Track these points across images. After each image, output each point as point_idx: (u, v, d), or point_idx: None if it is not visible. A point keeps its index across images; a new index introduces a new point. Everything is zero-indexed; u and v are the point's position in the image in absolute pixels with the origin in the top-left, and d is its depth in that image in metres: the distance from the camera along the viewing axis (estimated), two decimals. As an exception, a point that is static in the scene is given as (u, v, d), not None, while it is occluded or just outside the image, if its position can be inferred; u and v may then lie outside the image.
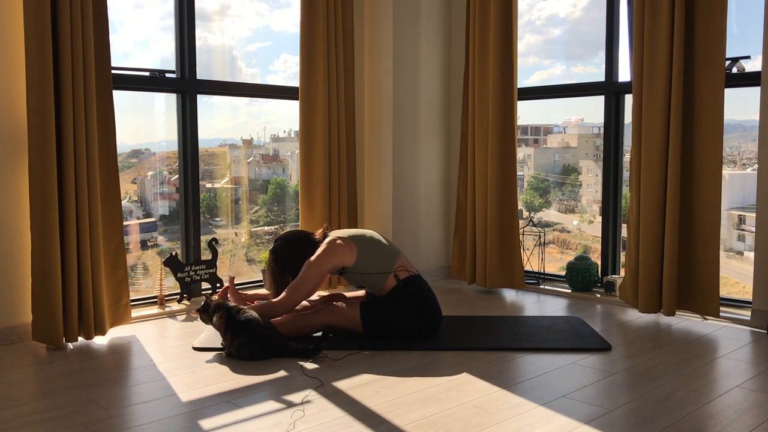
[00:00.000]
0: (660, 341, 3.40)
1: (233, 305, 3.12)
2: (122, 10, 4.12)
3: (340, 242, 3.37)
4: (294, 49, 4.61)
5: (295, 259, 3.42)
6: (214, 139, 4.75)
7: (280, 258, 3.47)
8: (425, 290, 3.41)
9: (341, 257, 3.35)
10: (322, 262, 3.33)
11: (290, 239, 3.52)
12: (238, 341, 3.03)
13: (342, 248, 3.35)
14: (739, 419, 2.41)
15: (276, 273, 3.48)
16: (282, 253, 3.47)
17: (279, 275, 3.47)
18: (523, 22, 4.94)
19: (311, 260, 3.34)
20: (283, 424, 2.37)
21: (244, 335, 3.02)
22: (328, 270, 3.36)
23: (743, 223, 4.35)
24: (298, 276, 3.33)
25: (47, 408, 2.52)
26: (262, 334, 3.04)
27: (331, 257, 3.34)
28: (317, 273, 3.33)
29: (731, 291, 4.20)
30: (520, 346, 3.28)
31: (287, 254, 3.46)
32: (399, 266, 3.39)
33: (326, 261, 3.34)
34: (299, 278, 3.32)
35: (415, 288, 3.38)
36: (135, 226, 4.52)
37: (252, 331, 3.02)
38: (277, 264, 3.48)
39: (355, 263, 3.35)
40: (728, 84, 3.56)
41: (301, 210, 4.44)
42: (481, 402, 2.57)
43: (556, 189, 5.26)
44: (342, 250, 3.35)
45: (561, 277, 4.61)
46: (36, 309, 3.21)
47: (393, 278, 3.36)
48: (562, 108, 5.13)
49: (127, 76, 3.80)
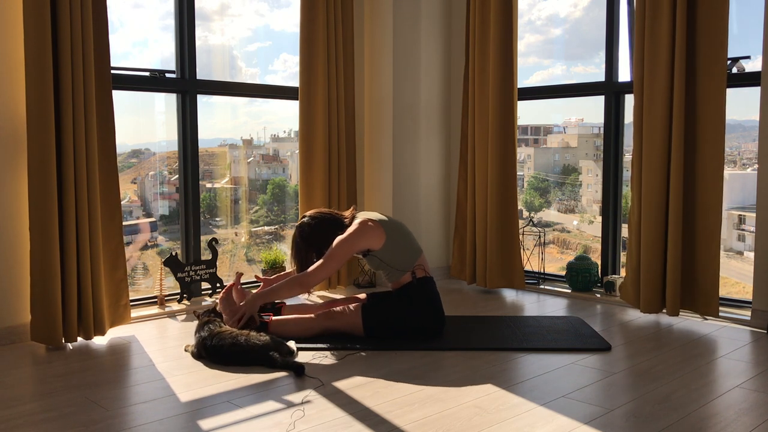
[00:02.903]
0: (660, 341, 3.39)
1: (214, 330, 3.09)
2: (122, 10, 4.12)
3: (371, 224, 3.39)
4: (294, 49, 4.61)
5: (322, 238, 3.44)
6: (214, 139, 4.75)
7: (307, 235, 3.47)
8: (434, 293, 3.43)
9: (370, 240, 3.37)
10: (353, 241, 3.36)
11: (319, 218, 3.51)
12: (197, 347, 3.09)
13: (373, 231, 3.38)
14: (739, 419, 2.41)
15: (301, 249, 3.49)
16: (310, 230, 3.48)
17: (303, 252, 3.49)
18: (524, 21, 4.94)
19: (343, 238, 3.36)
20: (283, 424, 2.37)
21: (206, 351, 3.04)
22: (356, 250, 3.39)
23: (743, 223, 4.35)
24: (328, 252, 3.35)
25: (47, 408, 2.52)
26: (228, 352, 3.01)
27: (362, 238, 3.36)
28: (347, 251, 3.36)
29: (731, 291, 4.20)
30: (520, 346, 3.27)
31: (315, 232, 3.47)
32: (418, 264, 3.42)
33: (357, 241, 3.36)
34: (329, 255, 3.34)
35: (426, 289, 3.40)
36: (145, 224, 4.53)
37: (216, 351, 3.02)
38: (303, 240, 3.48)
39: (381, 248, 3.37)
40: (728, 84, 3.56)
41: (300, 210, 4.43)
42: (481, 402, 2.57)
43: (556, 189, 5.26)
44: (372, 233, 3.37)
45: (561, 277, 4.61)
46: (35, 309, 3.21)
47: (410, 274, 3.39)
48: (562, 108, 5.13)
49: (127, 76, 3.80)
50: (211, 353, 3.01)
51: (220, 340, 3.00)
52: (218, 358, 3.00)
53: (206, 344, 3.02)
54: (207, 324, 3.12)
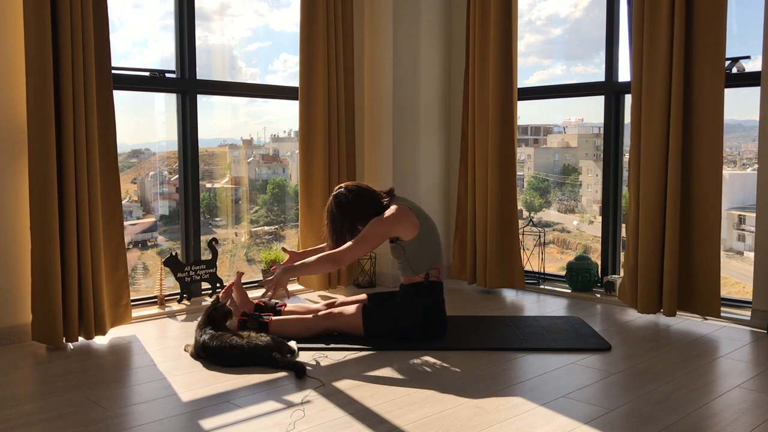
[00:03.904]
0: (660, 341, 3.39)
1: (215, 333, 3.09)
2: (122, 10, 4.12)
3: (410, 214, 3.34)
4: (294, 49, 4.61)
5: (357, 212, 3.38)
6: (214, 139, 4.75)
7: (344, 206, 3.39)
8: (440, 300, 3.41)
9: (406, 229, 3.32)
10: (390, 225, 3.31)
11: (357, 191, 3.42)
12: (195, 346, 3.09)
13: (410, 221, 3.33)
14: (739, 419, 2.41)
15: (336, 220, 3.40)
16: (346, 201, 3.39)
17: (339, 222, 3.39)
18: (524, 21, 4.94)
19: (381, 219, 3.31)
20: (283, 424, 2.37)
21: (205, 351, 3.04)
22: (390, 235, 3.34)
23: (743, 223, 4.35)
24: (363, 232, 3.30)
25: (47, 408, 2.52)
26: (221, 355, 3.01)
27: (399, 224, 3.31)
28: (382, 234, 3.31)
29: (731, 291, 4.20)
30: (520, 346, 3.28)
31: (352, 204, 3.38)
32: (435, 268, 3.38)
33: (394, 226, 3.31)
34: (364, 235, 3.29)
35: (434, 294, 3.37)
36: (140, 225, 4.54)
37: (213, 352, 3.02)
38: (338, 210, 3.39)
39: (410, 241, 3.33)
40: (728, 84, 3.56)
41: (300, 210, 4.44)
42: (481, 402, 2.57)
43: (556, 189, 5.26)
44: (410, 223, 3.33)
45: (561, 277, 4.61)
46: (36, 309, 3.21)
47: (424, 274, 3.36)
48: (562, 108, 5.13)
49: (127, 76, 3.80)
50: (212, 355, 3.01)
51: (221, 342, 3.00)
52: (220, 360, 2.99)
53: (207, 347, 3.02)
54: (208, 325, 3.12)
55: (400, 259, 3.40)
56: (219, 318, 3.16)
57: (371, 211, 3.37)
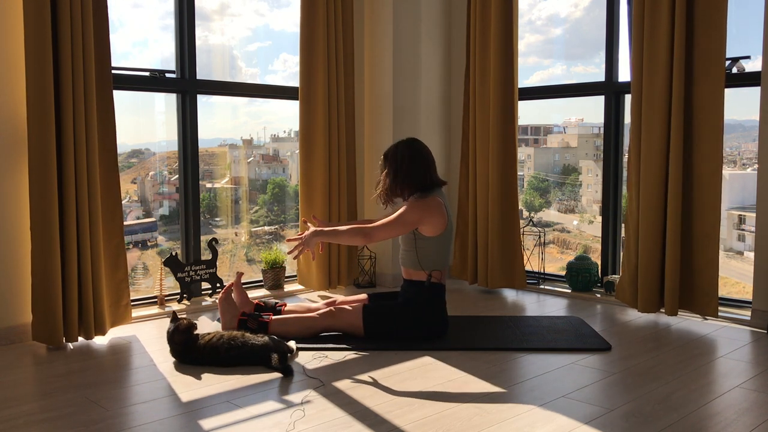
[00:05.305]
0: (660, 341, 3.39)
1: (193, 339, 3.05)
2: (122, 10, 4.12)
3: (444, 214, 3.30)
4: (294, 49, 4.61)
5: (414, 173, 3.31)
6: (214, 139, 4.75)
7: (399, 158, 3.32)
8: (442, 302, 3.40)
9: (435, 224, 3.28)
10: (424, 213, 3.26)
11: (418, 154, 3.34)
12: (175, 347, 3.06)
13: (442, 218, 3.29)
14: (739, 419, 2.41)
15: (389, 175, 3.34)
16: (401, 157, 3.32)
17: (392, 181, 3.33)
18: (524, 21, 4.94)
19: (420, 206, 3.26)
20: (283, 424, 2.37)
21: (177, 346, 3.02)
22: (421, 224, 3.28)
23: (743, 223, 4.35)
24: (398, 214, 3.26)
25: (47, 408, 2.52)
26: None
27: (433, 217, 3.27)
28: (415, 221, 3.26)
29: (731, 291, 4.20)
30: (520, 346, 3.28)
31: (413, 166, 3.31)
32: (438, 270, 3.36)
33: (429, 217, 3.27)
34: (399, 217, 3.25)
35: (434, 296, 3.36)
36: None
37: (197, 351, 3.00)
38: (387, 160, 3.36)
39: (430, 237, 3.31)
40: (728, 84, 3.56)
41: (300, 210, 4.44)
42: (481, 402, 2.57)
43: (556, 189, 5.26)
44: (440, 222, 3.29)
45: (561, 277, 4.61)
46: (36, 309, 3.21)
47: (427, 274, 3.34)
48: (562, 108, 5.13)
49: (127, 76, 3.80)
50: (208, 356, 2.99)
51: (216, 342, 2.99)
52: (216, 361, 2.98)
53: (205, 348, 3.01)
54: (180, 352, 3.05)
55: (411, 251, 3.37)
56: (184, 336, 3.03)
57: (419, 181, 3.32)
